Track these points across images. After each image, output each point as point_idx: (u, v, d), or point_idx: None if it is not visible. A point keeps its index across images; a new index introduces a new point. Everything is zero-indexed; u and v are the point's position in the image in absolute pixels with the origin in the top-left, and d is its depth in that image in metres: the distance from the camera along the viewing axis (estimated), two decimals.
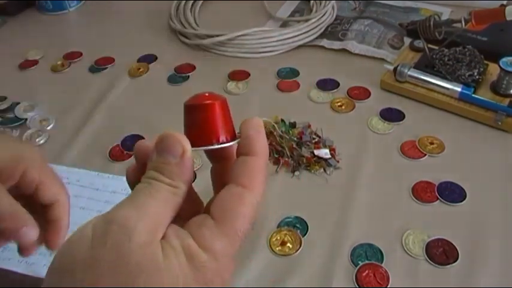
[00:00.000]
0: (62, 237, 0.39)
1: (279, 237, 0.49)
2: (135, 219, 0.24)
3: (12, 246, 0.50)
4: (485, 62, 0.65)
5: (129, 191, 0.43)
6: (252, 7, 0.90)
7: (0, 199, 0.35)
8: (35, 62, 0.79)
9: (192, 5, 0.88)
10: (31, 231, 0.36)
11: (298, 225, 0.51)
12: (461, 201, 0.52)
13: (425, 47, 0.67)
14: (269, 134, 0.60)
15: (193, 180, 0.32)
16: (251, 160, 0.27)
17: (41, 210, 0.39)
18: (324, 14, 0.80)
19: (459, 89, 0.62)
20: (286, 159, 0.57)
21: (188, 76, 0.74)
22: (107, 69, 0.77)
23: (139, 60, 0.78)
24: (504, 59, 0.60)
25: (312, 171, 0.56)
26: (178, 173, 0.26)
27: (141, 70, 0.76)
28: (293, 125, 0.62)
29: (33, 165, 0.37)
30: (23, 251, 0.38)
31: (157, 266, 0.23)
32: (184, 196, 0.26)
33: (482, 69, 0.64)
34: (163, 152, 0.26)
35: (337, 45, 0.77)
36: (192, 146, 0.27)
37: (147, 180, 0.26)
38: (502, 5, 0.61)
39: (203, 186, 0.57)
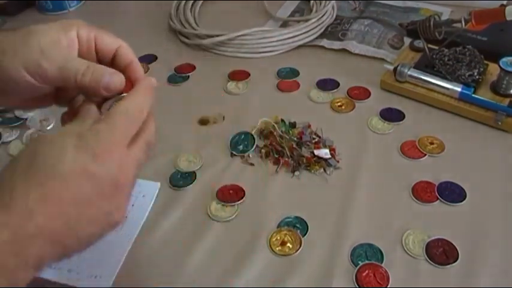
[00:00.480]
0: (141, 74, 0.43)
1: (279, 237, 0.49)
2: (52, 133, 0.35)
3: None
4: (485, 62, 0.65)
5: None
6: (252, 7, 0.90)
7: (72, 58, 0.39)
8: None
9: (192, 5, 0.88)
10: (113, 77, 0.39)
11: (298, 225, 0.51)
12: (461, 201, 0.52)
13: (425, 47, 0.67)
14: (269, 134, 0.60)
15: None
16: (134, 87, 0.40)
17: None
18: (324, 14, 0.80)
19: (459, 89, 0.62)
20: (286, 159, 0.57)
21: (188, 76, 0.74)
22: None
23: (139, 60, 0.78)
24: (504, 59, 0.60)
25: (312, 171, 0.56)
26: (85, 115, 0.38)
27: None
28: (293, 125, 0.62)
29: (82, 26, 0.41)
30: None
31: (52, 139, 0.34)
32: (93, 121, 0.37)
33: (482, 69, 0.64)
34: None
35: (337, 45, 0.77)
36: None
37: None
38: (502, 5, 0.61)
39: (203, 185, 0.58)
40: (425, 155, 0.58)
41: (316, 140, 0.60)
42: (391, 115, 0.64)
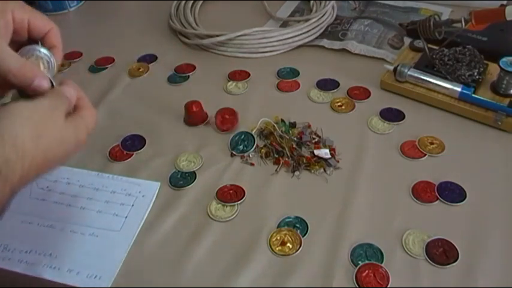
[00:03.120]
0: (60, 61, 0.47)
1: (279, 237, 0.49)
2: None
3: (12, 246, 0.50)
4: (485, 62, 0.65)
5: (129, 191, 0.48)
6: (252, 7, 0.90)
7: (6, 57, 0.40)
8: None
9: (192, 5, 0.88)
10: (42, 81, 0.41)
11: (298, 225, 0.51)
12: (461, 201, 0.52)
13: (425, 47, 0.67)
14: (269, 134, 0.60)
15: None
16: None
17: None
18: (324, 14, 0.80)
19: (459, 89, 0.62)
20: (286, 159, 0.57)
21: (188, 76, 0.74)
22: (106, 69, 0.77)
23: (139, 60, 0.78)
24: (504, 59, 0.60)
25: (312, 171, 0.56)
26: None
27: (141, 70, 0.76)
28: (293, 125, 0.62)
29: (17, 7, 0.44)
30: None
31: None
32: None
33: (482, 69, 0.64)
34: None
35: (337, 45, 0.77)
36: None
37: None
38: (502, 5, 0.61)
39: (203, 185, 0.58)
40: (425, 155, 0.58)
41: (316, 140, 0.60)
42: (391, 115, 0.64)
